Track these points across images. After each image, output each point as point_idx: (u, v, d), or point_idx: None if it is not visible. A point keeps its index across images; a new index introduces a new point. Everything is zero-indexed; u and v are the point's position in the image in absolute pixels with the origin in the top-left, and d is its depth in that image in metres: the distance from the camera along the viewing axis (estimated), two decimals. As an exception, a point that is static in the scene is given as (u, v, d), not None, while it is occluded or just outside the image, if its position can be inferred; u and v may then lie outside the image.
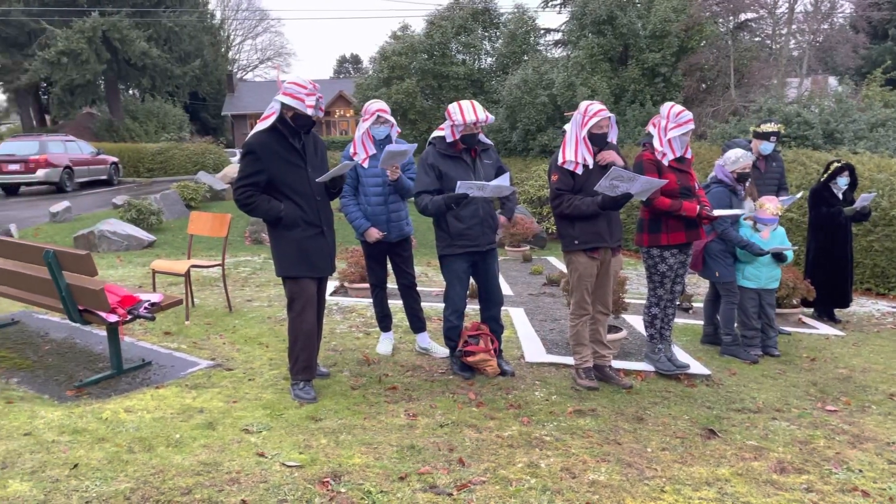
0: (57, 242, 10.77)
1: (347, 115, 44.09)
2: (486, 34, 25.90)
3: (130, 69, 33.56)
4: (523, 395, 4.38)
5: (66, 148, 19.91)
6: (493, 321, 4.83)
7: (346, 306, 6.79)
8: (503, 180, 4.26)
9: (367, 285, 7.08)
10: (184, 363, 4.75)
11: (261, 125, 4.12)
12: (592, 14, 19.47)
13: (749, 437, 3.85)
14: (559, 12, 25.29)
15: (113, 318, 4.23)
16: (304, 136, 4.15)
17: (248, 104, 45.48)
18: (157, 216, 12.76)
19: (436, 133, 4.70)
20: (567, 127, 4.53)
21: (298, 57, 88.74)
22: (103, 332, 5.23)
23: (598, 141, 4.44)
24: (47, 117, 38.61)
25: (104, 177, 21.77)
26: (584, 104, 4.47)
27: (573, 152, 4.44)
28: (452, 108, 4.48)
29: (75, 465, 3.02)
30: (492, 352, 4.70)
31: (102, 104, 36.29)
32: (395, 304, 5.70)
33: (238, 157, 25.12)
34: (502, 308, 4.90)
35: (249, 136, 4.15)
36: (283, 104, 4.03)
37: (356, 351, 5.28)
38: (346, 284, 7.42)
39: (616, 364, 4.98)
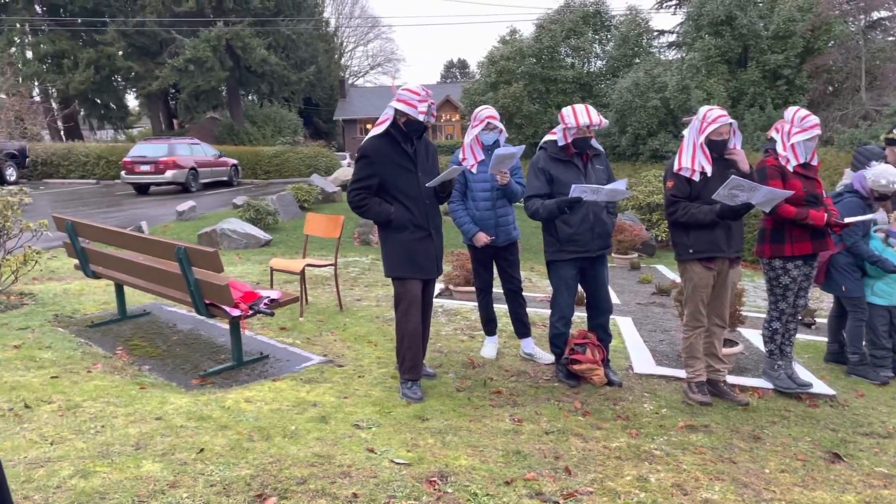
0: (183, 239, 11.50)
1: (454, 119, 44.58)
2: (597, 37, 25.52)
3: (251, 76, 35.41)
4: (631, 406, 4.28)
5: (192, 151, 21.22)
6: (600, 330, 4.75)
7: (450, 309, 6.86)
8: (620, 184, 4.18)
9: (471, 289, 7.14)
10: (298, 358, 4.96)
11: (375, 130, 4.26)
12: (710, 15, 18.80)
13: (878, 464, 3.59)
14: (674, 13, 24.58)
15: (236, 313, 4.47)
16: (415, 142, 4.25)
17: (358, 109, 46.91)
18: (274, 216, 13.36)
19: (547, 137, 4.68)
20: (685, 132, 4.39)
21: (407, 62, 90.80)
22: (225, 326, 5.55)
23: (717, 148, 4.28)
24: (174, 121, 41.33)
25: (225, 178, 23.04)
26: (703, 110, 4.32)
27: (690, 159, 4.30)
28: (565, 111, 4.45)
29: (201, 450, 3.21)
30: (599, 361, 4.62)
31: (224, 109, 38.46)
32: (500, 309, 5.71)
33: (347, 160, 25.99)
34: (610, 317, 4.81)
35: (364, 141, 4.30)
36: (396, 110, 4.15)
37: (461, 353, 5.33)
38: (451, 287, 7.50)
39: (731, 379, 4.77)
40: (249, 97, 42.49)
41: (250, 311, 4.57)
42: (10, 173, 21.52)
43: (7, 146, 21.97)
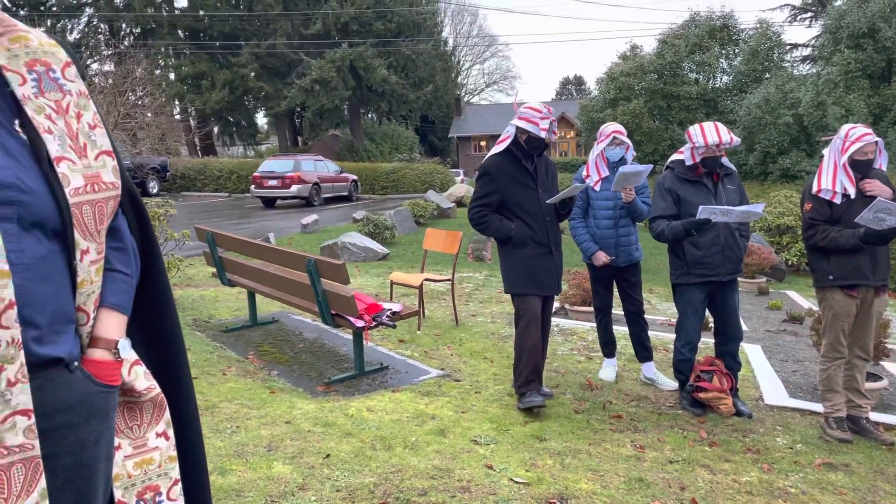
0: (307, 251, 12.02)
1: (568, 136, 44.19)
2: (723, 51, 24.57)
3: (371, 95, 36.67)
4: (762, 439, 4.05)
5: (316, 167, 22.20)
6: (729, 357, 4.53)
7: (566, 328, 6.77)
8: (755, 207, 4.00)
9: (587, 308, 7.02)
10: (416, 370, 5.05)
11: (496, 148, 4.33)
12: (850, 27, 17.68)
13: None
14: (808, 26, 23.27)
15: (360, 324, 4.62)
16: (536, 159, 4.28)
17: (473, 126, 47.45)
18: (391, 231, 13.72)
19: (674, 156, 4.56)
20: (825, 152, 4.15)
21: (523, 80, 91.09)
22: (347, 335, 5.74)
23: (861, 168, 4.00)
24: (299, 138, 43.40)
25: (345, 193, 23.92)
26: (845, 128, 4.06)
27: (830, 180, 4.04)
28: (693, 129, 4.32)
29: (327, 455, 3.33)
30: (727, 390, 4.41)
31: (345, 127, 39.99)
32: (618, 330, 5.58)
33: (461, 176, 26.28)
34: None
35: (485, 158, 4.37)
36: (518, 128, 4.20)
37: (578, 374, 5.25)
38: (566, 306, 7.41)
39: (874, 416, 4.42)
40: (369, 115, 43.95)
41: (373, 323, 4.71)
42: (153, 186, 23.34)
43: (151, 161, 23.84)
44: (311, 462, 3.25)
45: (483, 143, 47.15)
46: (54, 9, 34.91)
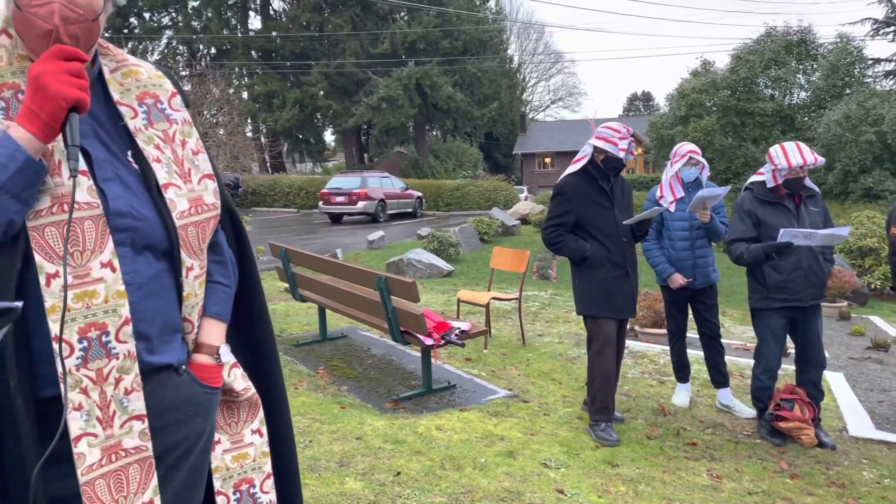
0: (373, 267, 12.17)
1: (636, 153, 43.53)
2: (801, 66, 23.79)
3: (437, 112, 37.07)
4: (847, 472, 3.86)
5: (382, 183, 22.54)
6: (811, 385, 4.35)
7: (636, 351, 6.63)
8: (840, 230, 3.84)
9: (659, 331, 6.86)
10: (484, 390, 5.03)
11: (571, 168, 4.30)
12: (937, 39, 16.87)
13: None
14: (892, 40, 22.22)
15: (429, 342, 4.64)
16: (612, 179, 4.22)
17: (538, 143, 47.28)
18: (456, 248, 13.76)
19: (753, 178, 4.43)
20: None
21: (589, 96, 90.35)
22: (415, 353, 5.77)
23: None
24: (365, 155, 44.17)
25: (410, 209, 24.17)
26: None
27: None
28: (774, 151, 4.19)
29: (398, 473, 3.35)
30: (808, 420, 4.22)
31: (410, 144, 40.50)
32: (692, 354, 5.42)
33: (525, 193, 26.24)
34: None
35: (560, 178, 4.34)
36: (595, 147, 4.15)
37: (650, 399, 5.12)
38: (636, 328, 7.26)
39: (972, 454, 4.15)
40: (434, 132, 44.38)
41: (442, 341, 4.72)
42: (227, 201, 24.13)
43: (225, 177, 24.67)
44: (382, 479, 3.27)
45: (548, 160, 46.89)
46: (137, 31, 36.70)
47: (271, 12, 39.87)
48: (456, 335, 4.79)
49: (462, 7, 36.51)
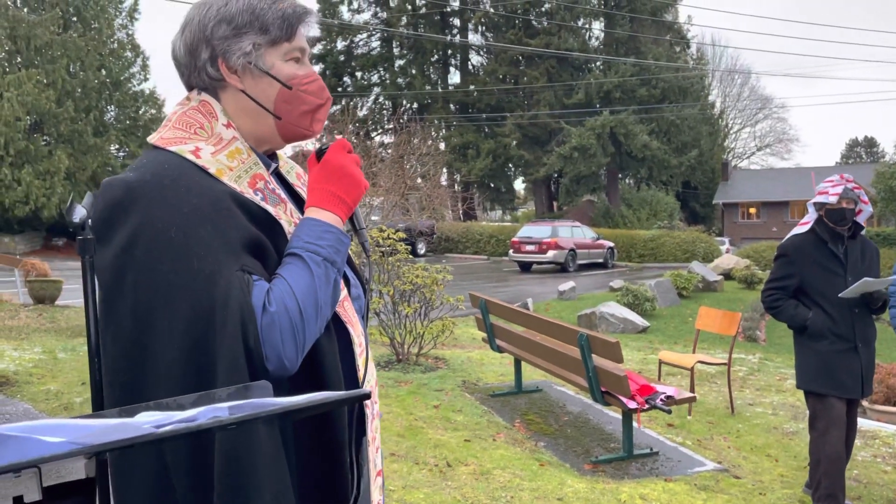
0: (563, 319, 12.04)
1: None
2: None
3: (630, 160, 36.37)
4: None
5: (572, 233, 22.42)
6: None
7: (866, 430, 5.89)
8: None
9: (892, 409, 6.08)
10: (690, 460, 4.73)
11: (797, 229, 4.05)
12: None
13: None
14: None
15: (632, 405, 4.47)
16: (847, 241, 3.88)
17: (741, 192, 44.54)
18: (652, 303, 13.25)
19: None
20: None
21: (801, 142, 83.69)
22: (613, 413, 5.59)
23: None
24: (554, 203, 44.27)
25: (600, 260, 23.75)
26: None
27: None
28: None
29: (602, 543, 3.23)
30: None
31: (601, 192, 39.95)
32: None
33: (727, 245, 24.72)
34: None
35: (785, 238, 4.09)
36: (814, 204, 3.92)
37: (884, 487, 4.52)
38: (865, 404, 6.46)
39: None
40: (627, 180, 43.46)
41: (646, 405, 4.53)
42: (421, 248, 25.31)
43: (420, 224, 25.92)
44: (586, 548, 3.17)
45: (752, 210, 43.93)
46: (349, 89, 40.13)
47: (470, 67, 41.79)
48: (661, 400, 4.57)
49: (661, 57, 35.80)
